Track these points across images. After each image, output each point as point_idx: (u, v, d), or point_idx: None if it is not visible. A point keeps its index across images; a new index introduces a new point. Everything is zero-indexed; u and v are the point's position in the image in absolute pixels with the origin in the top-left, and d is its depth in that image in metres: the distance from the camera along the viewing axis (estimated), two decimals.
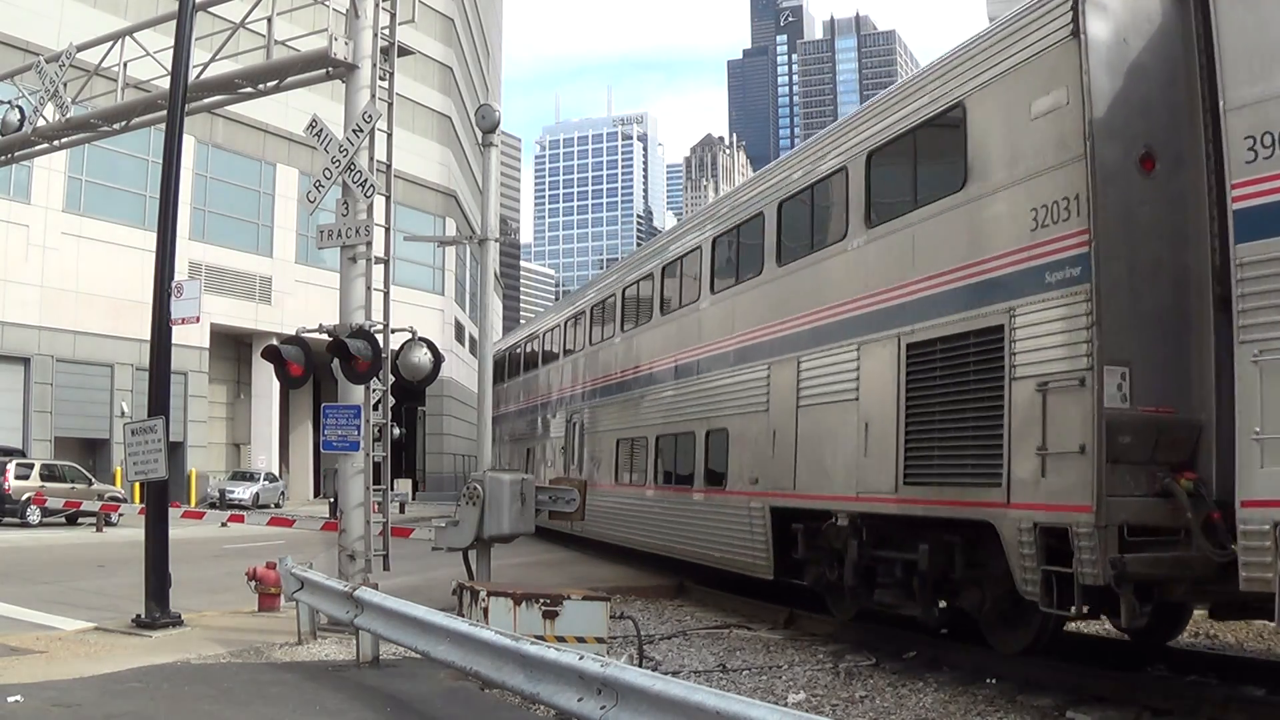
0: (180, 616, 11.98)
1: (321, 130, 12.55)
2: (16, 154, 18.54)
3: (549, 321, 27.78)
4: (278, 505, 42.40)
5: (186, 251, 36.06)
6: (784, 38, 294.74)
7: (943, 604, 10.39)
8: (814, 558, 12.00)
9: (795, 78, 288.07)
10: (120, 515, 27.22)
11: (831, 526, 11.30)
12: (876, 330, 10.68)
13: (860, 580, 11.07)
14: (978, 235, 9.40)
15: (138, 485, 19.86)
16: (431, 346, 12.98)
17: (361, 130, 12.30)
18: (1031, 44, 8.80)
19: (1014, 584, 8.61)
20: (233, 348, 47.77)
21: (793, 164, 13.33)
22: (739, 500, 13.74)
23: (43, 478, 29.69)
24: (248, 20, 14.40)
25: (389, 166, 12.83)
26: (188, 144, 30.41)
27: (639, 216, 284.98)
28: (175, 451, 30.11)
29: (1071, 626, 11.68)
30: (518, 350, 30.77)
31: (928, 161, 10.49)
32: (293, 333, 12.81)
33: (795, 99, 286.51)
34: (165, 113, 13.48)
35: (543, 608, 9.21)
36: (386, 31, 13.04)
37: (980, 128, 9.41)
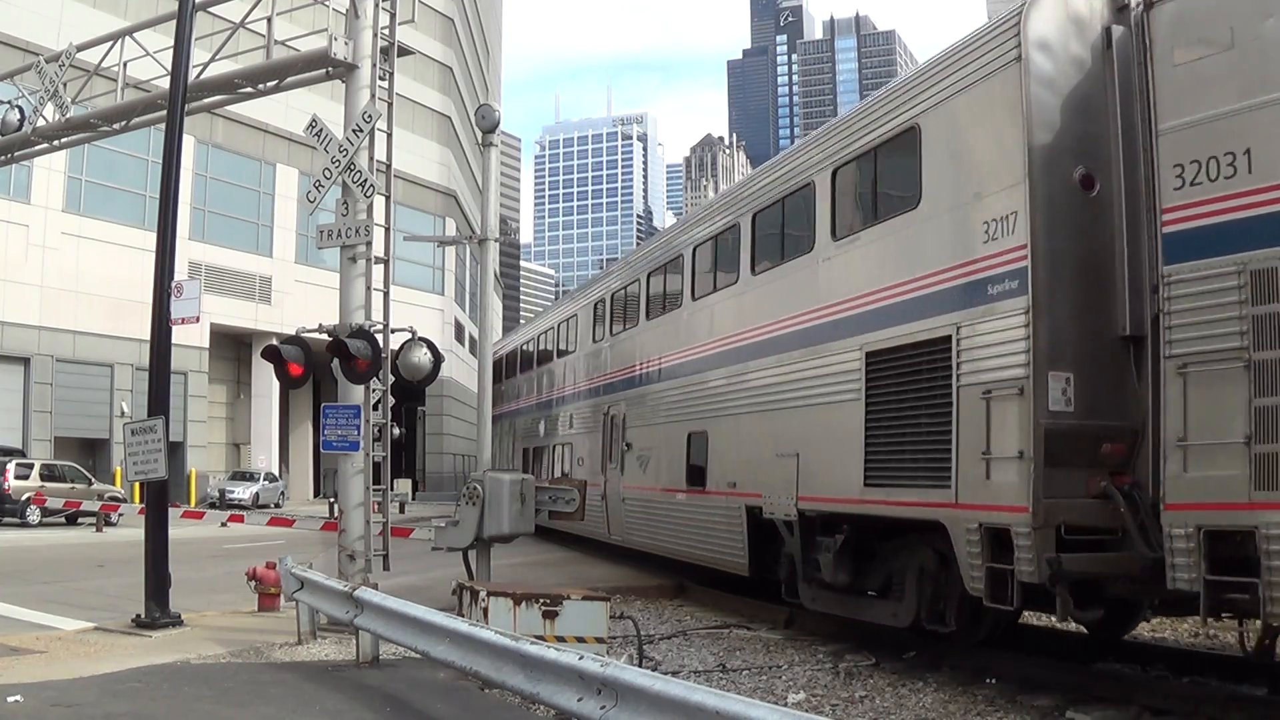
0: (180, 616, 11.98)
1: (321, 130, 12.54)
2: (16, 154, 18.54)
3: None
4: (278, 505, 42.37)
5: (186, 251, 36.05)
6: (784, 38, 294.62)
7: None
8: None
9: (795, 78, 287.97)
10: (120, 515, 27.20)
11: None
12: None
13: None
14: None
15: (138, 485, 19.86)
16: (431, 346, 12.98)
17: (361, 130, 12.30)
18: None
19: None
20: (233, 348, 47.75)
21: None
22: None
23: (43, 478, 29.68)
24: (248, 20, 14.41)
25: (389, 166, 12.82)
26: (188, 144, 30.40)
27: (639, 216, 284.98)
28: (175, 451, 30.08)
29: (1074, 626, 11.66)
30: None
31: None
32: (293, 333, 12.81)
33: (795, 99, 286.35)
34: (165, 113, 13.48)
35: (543, 608, 9.21)
36: (386, 31, 13.04)
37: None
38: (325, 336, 12.28)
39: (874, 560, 10.71)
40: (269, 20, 13.92)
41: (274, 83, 14.17)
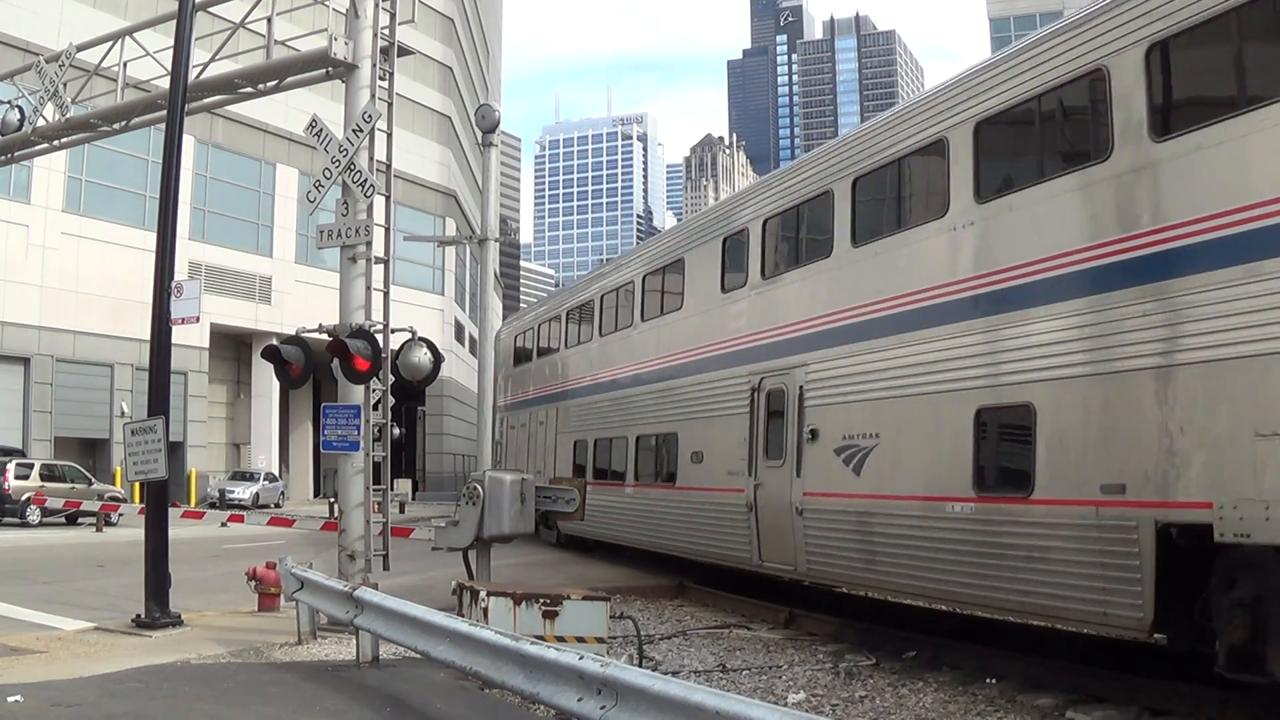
0: (180, 616, 11.99)
1: (321, 130, 12.55)
2: (16, 154, 18.55)
3: None
4: (278, 505, 42.37)
5: (186, 251, 36.01)
6: (784, 38, 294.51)
7: None
8: None
9: (795, 78, 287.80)
10: (120, 515, 27.19)
11: None
12: None
13: None
14: None
15: (138, 485, 19.87)
16: (431, 346, 12.99)
17: (361, 130, 12.31)
18: None
19: None
20: (233, 348, 47.76)
21: None
22: None
23: (43, 478, 29.67)
24: (248, 20, 14.42)
25: (389, 166, 12.84)
26: (188, 144, 30.41)
27: (639, 216, 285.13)
28: (175, 451, 29.99)
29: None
30: None
31: None
32: (293, 333, 12.83)
33: (795, 99, 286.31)
34: (165, 113, 13.49)
35: (543, 608, 9.21)
36: (386, 31, 13.05)
37: None
38: (325, 336, 12.29)
39: None
40: (269, 20, 13.93)
41: (274, 83, 14.18)
